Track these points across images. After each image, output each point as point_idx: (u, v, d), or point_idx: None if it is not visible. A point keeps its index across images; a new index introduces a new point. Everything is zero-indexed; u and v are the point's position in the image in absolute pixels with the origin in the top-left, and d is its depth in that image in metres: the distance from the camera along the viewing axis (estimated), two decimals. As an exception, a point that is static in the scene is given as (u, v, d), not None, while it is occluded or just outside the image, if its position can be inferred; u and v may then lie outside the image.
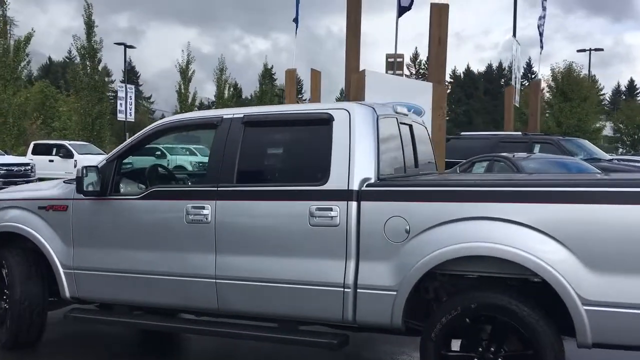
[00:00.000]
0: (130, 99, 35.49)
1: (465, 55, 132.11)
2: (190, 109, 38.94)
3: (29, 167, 21.05)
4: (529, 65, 72.28)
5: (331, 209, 4.19)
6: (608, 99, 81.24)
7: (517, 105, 21.43)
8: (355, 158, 4.23)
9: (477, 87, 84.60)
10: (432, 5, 9.43)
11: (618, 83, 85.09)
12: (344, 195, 4.17)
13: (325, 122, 4.39)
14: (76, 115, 32.06)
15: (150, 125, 5.13)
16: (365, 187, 4.17)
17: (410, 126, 5.22)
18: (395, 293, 4.04)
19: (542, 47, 21.32)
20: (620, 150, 47.51)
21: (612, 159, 15.30)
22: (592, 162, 13.06)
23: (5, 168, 19.99)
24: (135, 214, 4.84)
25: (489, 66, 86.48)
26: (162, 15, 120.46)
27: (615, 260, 3.58)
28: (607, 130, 48.43)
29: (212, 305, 4.60)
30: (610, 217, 3.59)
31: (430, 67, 9.50)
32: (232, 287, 4.50)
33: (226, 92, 43.40)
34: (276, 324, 4.55)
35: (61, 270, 5.09)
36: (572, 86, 33.24)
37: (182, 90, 40.92)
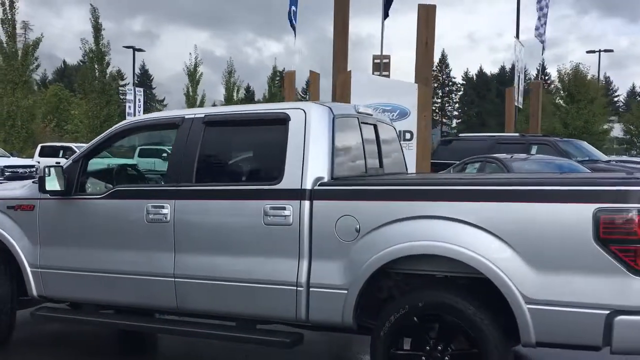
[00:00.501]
0: (139, 101, 35.72)
1: (478, 57, 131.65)
2: None
3: (34, 169, 21.31)
4: (542, 67, 71.98)
5: (284, 209, 4.21)
6: (623, 101, 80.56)
7: (521, 107, 21.31)
8: (309, 157, 4.24)
9: (489, 88, 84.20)
10: (420, 7, 9.42)
11: (633, 84, 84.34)
12: (297, 194, 4.19)
13: (282, 121, 4.41)
14: (86, 118, 32.36)
15: (115, 126, 5.18)
16: (318, 186, 4.19)
17: (375, 126, 5.22)
18: (346, 292, 4.06)
19: (543, 49, 21.21)
20: (633, 151, 47.06)
21: (610, 160, 15.18)
22: (589, 164, 13.00)
23: (10, 170, 20.26)
24: (98, 214, 4.89)
25: (502, 68, 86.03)
26: (176, 18, 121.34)
27: (555, 259, 3.58)
28: (618, 132, 48.02)
29: (171, 304, 4.64)
30: (549, 215, 3.58)
31: (417, 68, 9.50)
32: (190, 286, 4.53)
33: (235, 94, 43.57)
34: (234, 323, 4.58)
35: (28, 269, 5.14)
36: (579, 88, 33.02)
37: (190, 93, 41.17)
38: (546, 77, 58.47)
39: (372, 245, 3.98)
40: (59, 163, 5.03)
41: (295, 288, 4.19)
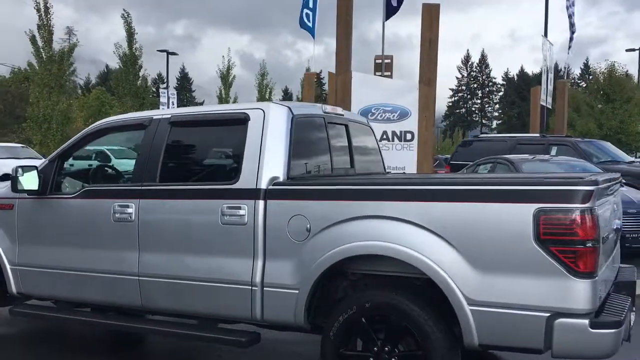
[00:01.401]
0: (173, 104, 36.27)
1: (520, 57, 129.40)
2: None
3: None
4: (586, 66, 70.46)
5: (240, 208, 4.24)
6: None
7: (549, 107, 20.90)
8: (265, 157, 4.25)
9: (530, 89, 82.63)
10: (423, 6, 9.33)
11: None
12: (252, 194, 4.21)
13: (242, 121, 4.44)
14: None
15: (89, 127, 5.29)
16: (272, 186, 4.20)
17: (346, 126, 5.20)
18: (297, 292, 4.06)
19: (570, 47, 20.73)
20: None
21: (634, 161, 14.75)
22: (611, 164, 12.66)
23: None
24: (69, 213, 5.00)
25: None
26: (217, 22, 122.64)
27: (497, 260, 3.51)
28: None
29: (136, 302, 4.71)
30: (491, 215, 3.52)
31: (421, 68, 9.41)
32: (153, 284, 4.59)
33: (267, 95, 43.85)
34: (196, 322, 4.63)
35: (8, 267, 5.29)
36: (614, 87, 32.13)
37: (223, 95, 41.62)
38: (589, 77, 57.17)
39: (321, 245, 3.97)
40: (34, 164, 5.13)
41: (250, 288, 4.21)
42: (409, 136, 8.97)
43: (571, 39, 20.50)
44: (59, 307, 5.31)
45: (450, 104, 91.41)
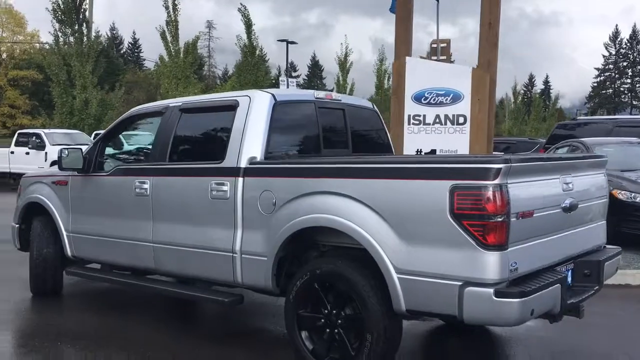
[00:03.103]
0: (292, 91, 37.55)
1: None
2: None
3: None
4: None
5: (224, 184, 4.81)
6: None
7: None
8: (246, 139, 4.79)
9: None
10: (483, -12, 9.31)
11: None
12: (233, 172, 4.77)
13: (232, 108, 5.00)
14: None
15: (123, 115, 6.12)
16: (249, 165, 4.73)
17: (343, 110, 5.59)
18: (266, 259, 4.57)
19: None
20: None
21: None
22: None
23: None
24: (105, 188, 5.86)
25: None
26: (350, 8, 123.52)
27: (420, 232, 3.80)
28: None
29: (151, 265, 5.47)
30: (414, 191, 3.82)
31: (480, 50, 9.42)
32: (162, 250, 5.30)
33: (386, 81, 43.96)
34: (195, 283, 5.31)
35: (64, 234, 6.26)
36: None
37: (341, 82, 42.36)
38: None
39: (283, 218, 4.45)
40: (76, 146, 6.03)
41: (232, 255, 4.78)
42: (461, 119, 9.02)
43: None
44: (102, 269, 6.20)
45: (596, 84, 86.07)
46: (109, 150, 6.28)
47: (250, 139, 4.79)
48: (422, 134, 9.23)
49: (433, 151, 9.13)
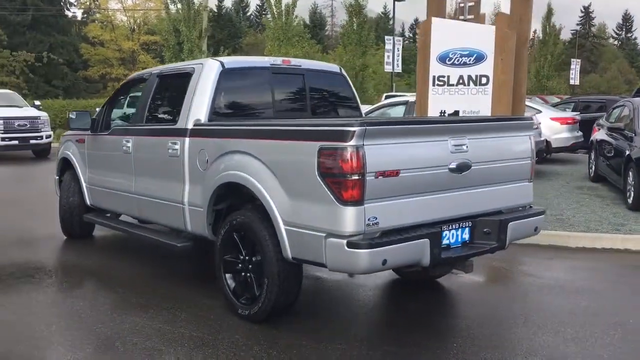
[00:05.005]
0: (398, 50, 37.31)
1: None
2: None
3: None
4: None
5: (176, 144, 5.44)
6: None
7: None
8: (193, 103, 5.36)
9: None
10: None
11: None
12: (182, 132, 5.37)
13: (189, 75, 5.58)
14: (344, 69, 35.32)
15: (122, 82, 6.90)
16: (193, 126, 5.31)
17: (303, 75, 5.97)
18: (202, 210, 5.18)
19: None
20: None
21: None
22: None
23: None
24: (105, 145, 6.71)
25: None
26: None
27: (299, 188, 4.22)
28: None
29: (136, 214, 6.28)
30: (294, 150, 4.24)
31: (512, 8, 9.24)
32: (141, 200, 6.07)
33: (549, 38, 42.08)
34: (167, 230, 6.04)
35: (84, 185, 7.23)
36: None
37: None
38: None
39: (212, 174, 5.02)
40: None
41: (182, 206, 5.43)
42: (484, 80, 8.95)
43: None
44: (110, 216, 7.12)
45: None
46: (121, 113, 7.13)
47: (197, 103, 5.35)
48: (446, 94, 9.28)
49: (456, 112, 9.18)
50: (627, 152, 9.11)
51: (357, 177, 3.90)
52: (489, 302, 5.39)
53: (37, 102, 20.63)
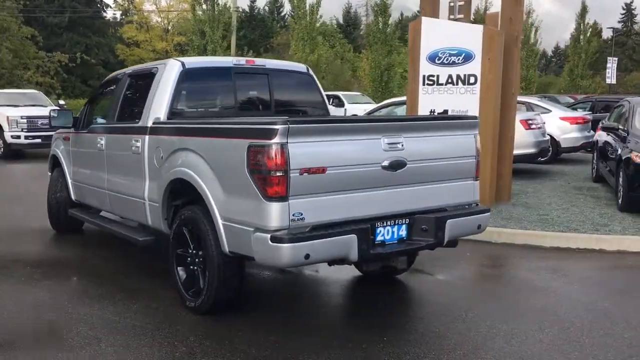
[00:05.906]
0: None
1: None
2: None
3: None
4: None
5: (138, 141, 5.64)
6: None
7: None
8: (153, 102, 5.55)
9: None
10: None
11: None
12: (143, 130, 5.57)
13: (153, 74, 5.78)
14: (369, 68, 35.41)
15: (102, 81, 7.15)
16: (153, 124, 5.50)
17: (267, 75, 6.10)
18: (158, 205, 5.36)
19: None
20: None
21: None
22: None
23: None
24: (84, 143, 6.96)
25: None
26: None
27: (233, 184, 4.37)
28: None
29: (109, 209, 6.50)
30: (229, 148, 4.38)
31: (503, 7, 9.24)
32: (111, 196, 6.29)
33: (583, 36, 41.49)
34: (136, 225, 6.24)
35: (69, 181, 7.51)
36: None
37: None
38: None
39: (165, 171, 5.21)
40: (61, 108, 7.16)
41: (143, 201, 5.63)
42: (472, 79, 8.95)
43: None
44: (92, 211, 7.37)
45: None
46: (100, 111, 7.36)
47: (157, 102, 5.53)
48: (436, 94, 9.32)
49: (445, 112, 9.21)
50: (619, 152, 8.99)
51: (280, 174, 4.02)
52: (437, 300, 5.43)
53: (61, 102, 21.25)
